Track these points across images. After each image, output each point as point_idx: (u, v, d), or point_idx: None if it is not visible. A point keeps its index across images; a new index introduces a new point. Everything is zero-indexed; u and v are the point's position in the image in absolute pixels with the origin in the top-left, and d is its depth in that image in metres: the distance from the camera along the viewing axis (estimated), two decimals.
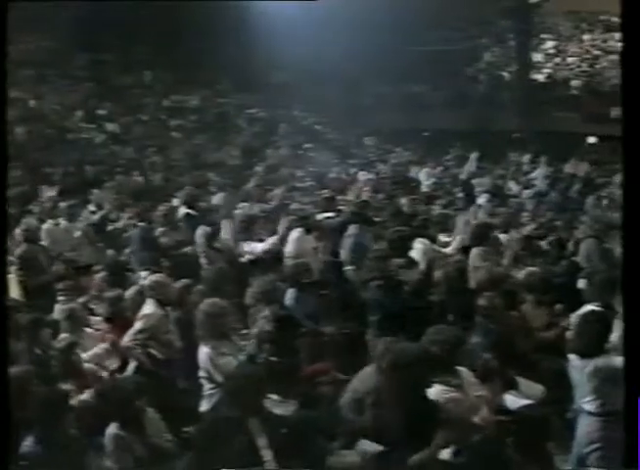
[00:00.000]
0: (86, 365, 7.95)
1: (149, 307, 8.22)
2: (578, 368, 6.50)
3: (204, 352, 7.35)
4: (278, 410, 6.39)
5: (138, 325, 8.08)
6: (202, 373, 7.35)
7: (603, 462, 6.25)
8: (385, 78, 29.90)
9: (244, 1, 26.72)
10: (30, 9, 20.49)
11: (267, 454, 5.70)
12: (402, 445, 5.65)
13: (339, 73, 28.46)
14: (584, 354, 6.43)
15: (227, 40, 27.01)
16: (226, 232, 12.19)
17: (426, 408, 5.71)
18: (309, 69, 27.05)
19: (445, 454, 5.48)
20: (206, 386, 7.33)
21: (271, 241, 11.51)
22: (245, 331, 8.29)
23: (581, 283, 9.06)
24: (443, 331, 6.53)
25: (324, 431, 6.30)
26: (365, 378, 6.53)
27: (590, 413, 6.36)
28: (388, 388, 5.93)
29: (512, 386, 7.02)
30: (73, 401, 6.83)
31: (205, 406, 7.29)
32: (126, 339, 8.05)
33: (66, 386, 7.17)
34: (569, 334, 7.38)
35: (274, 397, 6.65)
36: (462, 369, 6.26)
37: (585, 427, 6.40)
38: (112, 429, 6.07)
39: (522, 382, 7.14)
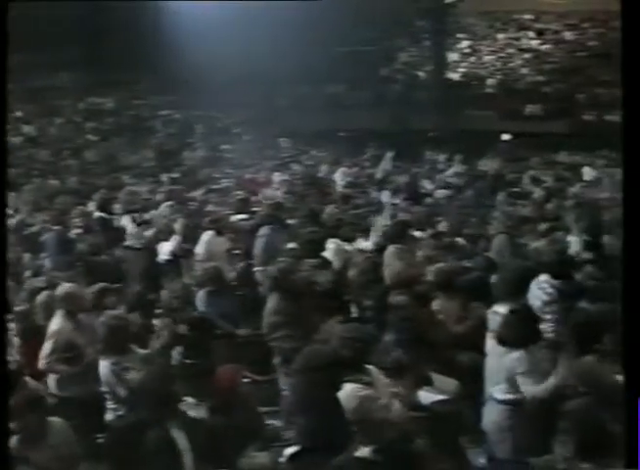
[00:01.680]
0: None
1: (57, 322, 8.02)
2: (498, 356, 6.64)
3: (104, 365, 7.23)
4: (193, 413, 6.35)
5: (48, 346, 7.89)
6: (104, 387, 7.23)
7: (513, 450, 6.32)
8: (302, 79, 29.92)
9: (159, 1, 26.55)
10: None
11: (187, 457, 5.66)
12: (318, 446, 5.62)
13: (256, 74, 28.39)
14: (508, 345, 6.60)
15: (143, 41, 26.79)
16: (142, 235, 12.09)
17: (339, 409, 5.68)
18: (226, 69, 26.95)
19: (363, 452, 5.44)
20: (110, 400, 7.22)
21: (174, 242, 11.45)
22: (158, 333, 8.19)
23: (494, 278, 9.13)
24: (354, 329, 6.52)
25: (240, 433, 6.27)
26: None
27: (499, 401, 6.46)
28: (300, 390, 5.89)
29: (426, 382, 7.03)
30: None
31: (110, 417, 7.19)
32: (40, 362, 7.87)
33: None
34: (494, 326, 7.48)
35: (189, 399, 6.59)
36: (372, 367, 6.24)
37: (494, 416, 6.49)
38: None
39: (436, 377, 7.15)
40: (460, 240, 11.71)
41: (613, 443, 5.80)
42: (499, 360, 6.62)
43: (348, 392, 5.81)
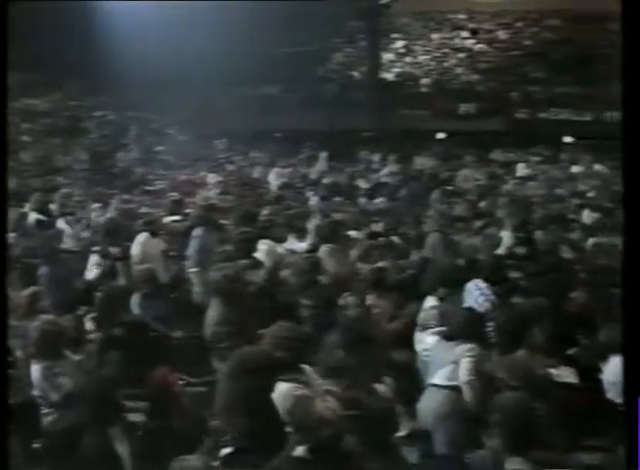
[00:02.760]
0: None
1: None
2: (442, 348, 6.81)
3: (36, 369, 7.14)
4: (131, 417, 6.31)
5: None
6: (36, 392, 7.13)
7: (450, 443, 6.37)
8: (238, 80, 29.84)
9: (92, 1, 26.31)
10: None
11: (126, 462, 5.60)
12: (253, 447, 5.59)
13: (191, 75, 28.27)
14: (452, 338, 6.80)
15: (77, 42, 26.54)
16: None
17: (275, 410, 5.66)
18: (161, 70, 26.80)
19: (299, 452, 5.42)
20: (44, 405, 7.12)
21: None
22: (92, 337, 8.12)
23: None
24: (289, 329, 6.49)
25: (178, 436, 6.23)
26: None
27: (440, 387, 6.53)
28: (234, 392, 5.86)
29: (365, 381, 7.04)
30: None
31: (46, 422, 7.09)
32: None
33: None
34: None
35: (127, 403, 6.54)
36: (306, 367, 6.23)
37: (433, 403, 6.55)
38: None
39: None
40: (395, 239, 11.75)
41: (543, 436, 5.88)
42: (444, 353, 6.69)
43: (283, 392, 5.78)
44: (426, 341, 7.57)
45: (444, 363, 6.73)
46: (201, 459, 5.67)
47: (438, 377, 6.69)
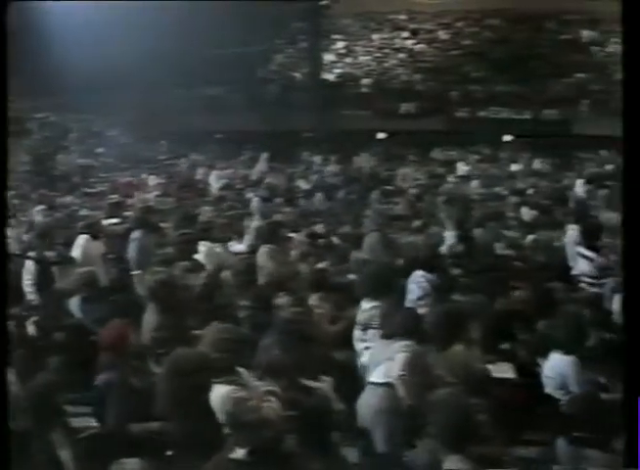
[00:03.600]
0: None
1: None
2: (381, 346, 6.79)
3: None
4: (75, 422, 6.24)
5: None
6: None
7: (388, 439, 6.38)
8: (179, 81, 29.71)
9: (30, 0, 25.99)
10: None
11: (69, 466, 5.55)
12: (191, 451, 5.55)
13: (133, 76, 28.06)
14: (390, 336, 6.76)
15: (15, 42, 26.17)
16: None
17: (212, 412, 5.62)
18: (102, 71, 26.56)
19: (238, 454, 5.39)
20: None
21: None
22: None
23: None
24: (226, 330, 6.47)
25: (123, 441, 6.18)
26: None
27: (377, 384, 6.55)
28: (171, 395, 5.81)
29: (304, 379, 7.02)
30: None
31: None
32: None
33: None
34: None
35: (69, 408, 6.46)
36: (242, 369, 6.20)
37: (371, 400, 6.56)
38: None
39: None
40: (335, 239, 11.75)
41: (481, 432, 5.91)
42: (382, 351, 6.71)
43: (222, 394, 5.76)
44: (365, 340, 7.58)
45: (382, 361, 6.74)
46: (139, 463, 5.64)
47: (376, 375, 6.70)
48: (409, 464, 5.68)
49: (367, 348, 7.48)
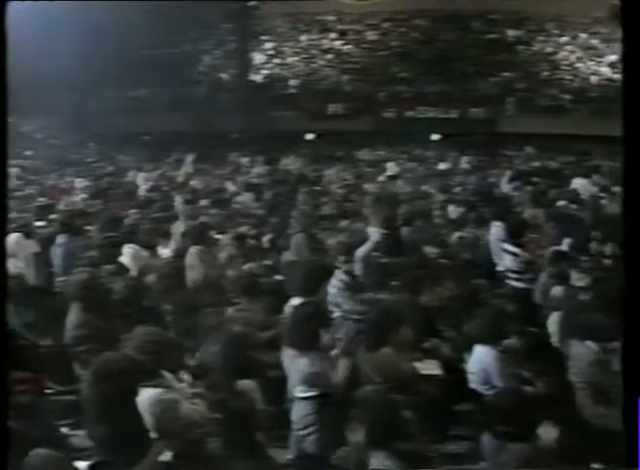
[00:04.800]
0: None
1: None
2: (290, 358, 6.68)
3: None
4: None
5: None
6: None
7: (318, 444, 6.38)
8: (107, 82, 29.43)
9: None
10: None
11: None
12: (117, 456, 5.49)
13: (60, 77, 27.71)
14: (296, 346, 6.64)
15: None
16: None
17: (138, 416, 5.58)
18: (29, 73, 26.18)
19: (165, 457, 5.36)
20: None
21: None
22: None
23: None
24: (151, 333, 6.43)
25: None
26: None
27: (303, 399, 6.52)
28: (97, 399, 5.75)
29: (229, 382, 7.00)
30: None
31: None
32: None
33: None
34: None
35: None
36: (167, 372, 6.17)
37: (299, 412, 6.54)
38: None
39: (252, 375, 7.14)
40: (264, 241, 11.73)
41: (408, 429, 5.96)
42: (293, 360, 6.70)
43: (149, 397, 5.72)
44: None
45: (295, 371, 6.72)
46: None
47: (298, 390, 6.68)
48: (337, 464, 5.67)
49: None
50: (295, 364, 6.64)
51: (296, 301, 7.72)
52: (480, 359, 7.15)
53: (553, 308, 8.65)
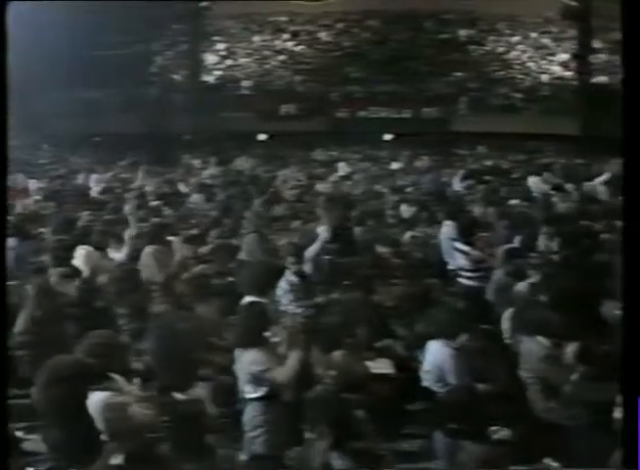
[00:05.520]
0: None
1: None
2: (238, 358, 6.71)
3: None
4: None
5: None
6: None
7: (268, 445, 6.38)
8: (58, 84, 29.18)
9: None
10: None
11: None
12: (69, 460, 5.45)
13: (11, 78, 27.39)
14: (242, 346, 6.65)
15: None
16: None
17: (89, 419, 5.54)
18: None
19: (116, 460, 5.33)
20: None
21: None
22: None
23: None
24: (101, 336, 6.39)
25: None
26: None
27: (252, 400, 6.53)
28: (46, 404, 5.71)
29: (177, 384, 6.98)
30: None
31: None
32: None
33: None
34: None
35: None
36: (117, 375, 6.13)
37: (249, 413, 6.54)
38: None
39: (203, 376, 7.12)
40: (217, 242, 11.68)
41: (361, 428, 5.98)
42: (239, 361, 6.71)
43: (98, 400, 5.68)
44: None
45: (242, 372, 6.73)
46: None
47: (246, 391, 6.69)
48: (290, 464, 5.68)
49: None
50: (242, 364, 6.66)
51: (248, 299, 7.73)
52: (435, 357, 7.18)
53: (505, 305, 8.72)
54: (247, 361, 6.58)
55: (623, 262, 5.19)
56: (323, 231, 9.65)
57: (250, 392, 6.59)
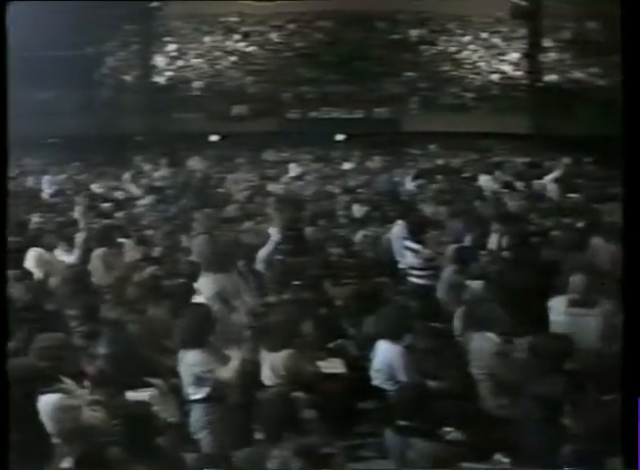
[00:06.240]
0: None
1: None
2: (181, 360, 6.71)
3: None
4: None
5: None
6: None
7: (214, 446, 6.37)
8: (10, 85, 28.82)
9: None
10: None
11: None
12: (21, 463, 5.42)
13: None
14: (185, 347, 6.68)
15: None
16: None
17: (40, 423, 5.52)
18: None
19: (67, 463, 5.31)
20: None
21: None
22: None
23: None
24: (51, 339, 6.35)
25: None
26: None
27: (196, 401, 6.57)
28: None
29: (132, 386, 6.95)
30: None
31: None
32: None
33: None
34: None
35: None
36: (67, 378, 6.10)
37: (194, 415, 6.59)
38: None
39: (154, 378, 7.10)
40: (168, 243, 11.62)
41: (309, 428, 5.99)
42: (181, 362, 6.71)
43: (49, 402, 5.66)
44: None
45: (184, 374, 6.74)
46: None
47: (190, 392, 6.69)
48: (237, 463, 5.67)
49: None
50: (185, 365, 6.68)
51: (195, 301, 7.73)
52: (385, 355, 7.20)
53: (456, 303, 8.78)
54: (189, 362, 6.59)
55: (623, 262, 5.21)
56: (274, 233, 9.64)
57: (193, 393, 6.60)
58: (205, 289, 8.45)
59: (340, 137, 30.64)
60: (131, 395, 6.67)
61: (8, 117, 5.99)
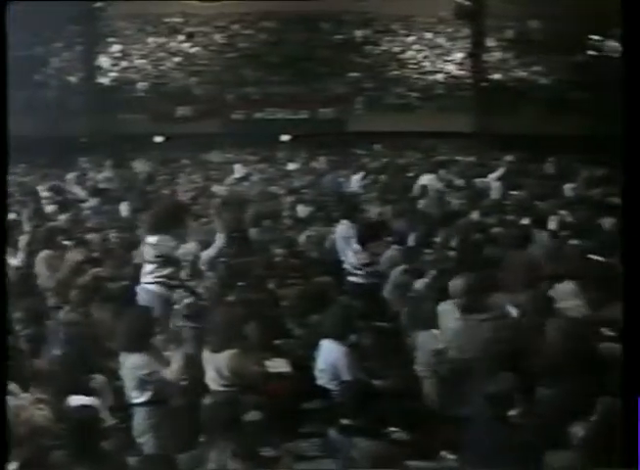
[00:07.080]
0: None
1: None
2: (123, 364, 6.73)
3: None
4: None
5: None
6: None
7: (157, 450, 6.35)
8: None
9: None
10: None
11: None
12: None
13: None
14: (126, 350, 6.69)
15: None
16: None
17: None
18: None
19: (12, 466, 5.26)
20: None
21: None
22: None
23: None
24: None
25: None
26: None
27: (138, 405, 6.56)
28: None
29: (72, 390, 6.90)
30: None
31: None
32: None
33: None
34: None
35: None
36: (11, 382, 6.05)
37: (137, 418, 6.60)
38: None
39: (98, 381, 7.04)
40: (112, 245, 11.56)
41: (253, 429, 5.99)
42: (123, 367, 6.69)
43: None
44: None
45: (126, 378, 6.73)
46: None
47: (133, 396, 6.67)
48: (180, 465, 5.65)
49: None
50: (127, 369, 6.68)
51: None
52: (329, 355, 7.23)
53: (401, 302, 8.84)
54: (131, 366, 6.57)
55: (623, 262, 5.22)
56: (219, 236, 9.63)
57: (136, 396, 6.57)
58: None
59: (285, 138, 30.65)
60: (75, 398, 6.63)
61: (8, 117, 5.93)
